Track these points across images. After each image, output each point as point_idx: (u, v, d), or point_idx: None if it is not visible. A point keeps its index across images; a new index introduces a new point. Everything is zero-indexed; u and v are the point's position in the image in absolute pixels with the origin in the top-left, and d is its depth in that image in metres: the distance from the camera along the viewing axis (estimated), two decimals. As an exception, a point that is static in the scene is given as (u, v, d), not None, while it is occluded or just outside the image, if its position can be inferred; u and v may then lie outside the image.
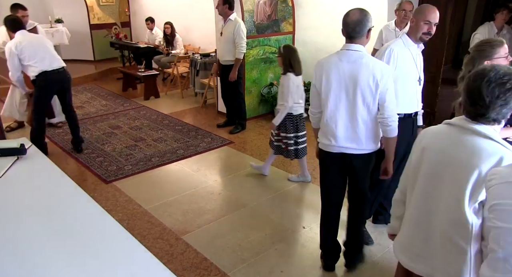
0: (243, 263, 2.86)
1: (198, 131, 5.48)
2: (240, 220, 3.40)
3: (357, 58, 2.32)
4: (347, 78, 2.33)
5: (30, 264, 1.35)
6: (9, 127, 5.44)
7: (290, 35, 6.08)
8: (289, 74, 3.73)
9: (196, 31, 8.03)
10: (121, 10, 9.94)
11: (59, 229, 1.57)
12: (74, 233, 1.54)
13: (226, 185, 4.06)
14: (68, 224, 1.61)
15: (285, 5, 5.88)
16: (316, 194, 3.82)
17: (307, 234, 3.20)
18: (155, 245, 3.06)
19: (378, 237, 3.15)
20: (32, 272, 1.31)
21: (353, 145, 2.41)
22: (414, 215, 1.70)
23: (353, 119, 2.36)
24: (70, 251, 1.43)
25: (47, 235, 1.52)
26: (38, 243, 1.46)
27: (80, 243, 1.48)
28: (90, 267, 1.34)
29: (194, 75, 6.91)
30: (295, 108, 3.80)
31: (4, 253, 1.40)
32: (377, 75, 2.26)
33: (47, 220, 1.62)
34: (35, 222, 1.60)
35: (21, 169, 2.06)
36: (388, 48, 2.72)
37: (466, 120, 1.53)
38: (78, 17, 9.30)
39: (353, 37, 2.38)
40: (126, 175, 4.20)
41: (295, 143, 3.88)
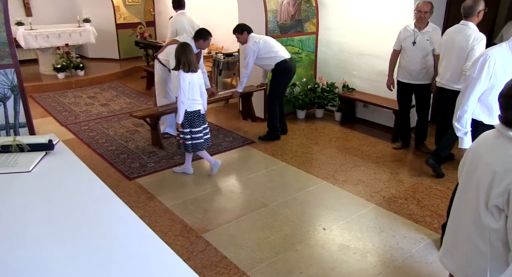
0: (262, 263, 2.86)
1: (219, 130, 5.52)
2: (260, 220, 3.41)
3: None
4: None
5: (53, 256, 1.38)
6: None
7: (314, 35, 6.04)
8: (180, 71, 3.81)
9: (220, 30, 8.06)
10: (146, 9, 10.10)
11: (82, 222, 1.60)
12: (97, 228, 1.57)
13: (246, 185, 4.07)
14: (91, 218, 1.64)
15: (309, 5, 5.85)
16: (336, 196, 3.80)
17: (327, 236, 3.18)
18: (176, 242, 3.10)
19: (400, 241, 3.10)
20: (53, 264, 1.35)
21: None
22: (452, 212, 1.76)
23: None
24: (92, 245, 1.46)
25: (71, 228, 1.55)
26: (60, 236, 1.50)
27: (102, 237, 1.51)
28: (111, 261, 1.37)
29: (217, 75, 6.95)
30: (190, 105, 3.90)
31: (29, 244, 1.44)
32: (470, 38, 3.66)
33: (71, 214, 1.66)
34: (59, 215, 1.64)
35: (48, 164, 2.11)
36: (485, 55, 2.59)
37: (502, 126, 1.53)
38: (105, 16, 9.50)
39: (466, 16, 3.72)
40: (148, 172, 4.27)
41: (191, 138, 4.00)
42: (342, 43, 5.77)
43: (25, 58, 8.88)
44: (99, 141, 5.12)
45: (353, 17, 5.50)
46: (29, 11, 9.29)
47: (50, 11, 9.57)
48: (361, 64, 5.59)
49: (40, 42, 7.81)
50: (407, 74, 4.50)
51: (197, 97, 3.94)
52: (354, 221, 3.37)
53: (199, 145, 4.05)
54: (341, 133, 5.44)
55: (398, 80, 4.64)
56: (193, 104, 3.92)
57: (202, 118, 4.04)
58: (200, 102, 3.98)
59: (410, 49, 4.42)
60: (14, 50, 3.75)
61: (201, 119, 4.01)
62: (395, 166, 4.42)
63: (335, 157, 4.66)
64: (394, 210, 3.54)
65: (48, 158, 2.17)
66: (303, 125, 5.76)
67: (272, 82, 5.11)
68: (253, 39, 4.92)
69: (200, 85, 3.99)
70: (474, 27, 3.76)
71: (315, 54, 6.16)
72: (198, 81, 3.92)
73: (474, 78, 2.57)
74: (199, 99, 3.96)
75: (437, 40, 4.28)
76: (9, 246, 1.44)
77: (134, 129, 5.55)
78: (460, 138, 2.72)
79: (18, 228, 1.55)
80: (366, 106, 5.62)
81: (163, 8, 9.92)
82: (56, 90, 7.65)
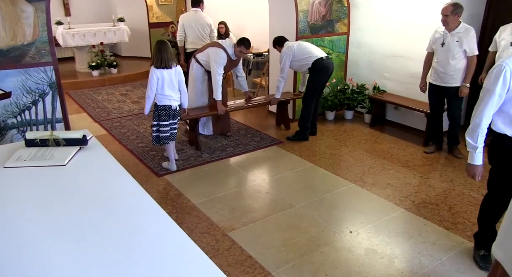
0: (288, 264, 2.85)
1: (248, 129, 5.54)
2: (286, 221, 3.40)
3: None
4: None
5: (83, 247, 1.42)
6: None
7: (345, 36, 5.97)
8: (152, 67, 4.01)
9: (250, 30, 8.09)
10: (178, 9, 10.25)
11: (112, 216, 1.64)
12: (125, 222, 1.60)
13: (273, 185, 4.07)
14: (120, 212, 1.68)
15: (341, 5, 5.78)
16: (364, 199, 3.73)
17: (354, 239, 3.13)
18: (202, 239, 3.13)
19: (430, 247, 3.02)
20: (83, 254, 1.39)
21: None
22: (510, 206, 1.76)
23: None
24: (121, 238, 1.49)
25: (101, 221, 1.60)
26: (91, 228, 1.54)
27: (130, 231, 1.54)
28: (138, 255, 1.39)
29: (246, 74, 6.97)
30: (160, 99, 4.06)
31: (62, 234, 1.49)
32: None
33: (101, 207, 1.70)
34: (91, 208, 1.69)
35: (82, 158, 2.18)
36: (500, 65, 2.39)
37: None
38: (138, 16, 9.72)
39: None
40: (177, 169, 4.33)
41: (157, 130, 4.14)
42: (373, 44, 5.67)
43: (62, 56, 9.21)
44: (130, 138, 5.24)
45: (386, 18, 5.40)
46: (68, 11, 9.62)
47: (88, 11, 9.87)
48: (392, 65, 5.48)
49: (77, 41, 8.08)
50: (437, 76, 4.40)
51: (168, 92, 4.04)
52: (382, 225, 3.30)
53: (163, 138, 4.15)
54: (371, 135, 5.35)
55: (429, 82, 4.54)
56: (163, 98, 4.06)
57: (173, 113, 4.13)
58: (172, 98, 4.09)
59: (439, 51, 4.32)
60: (53, 48, 3.89)
61: (171, 114, 4.12)
62: (426, 170, 4.31)
63: (364, 159, 4.59)
64: (424, 215, 3.45)
65: (82, 152, 2.23)
66: (332, 126, 5.70)
67: (309, 81, 5.08)
68: (287, 45, 4.99)
69: (179, 82, 4.11)
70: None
71: (345, 55, 6.08)
72: (170, 77, 4.02)
73: (489, 90, 2.38)
74: (170, 95, 4.06)
75: (469, 41, 4.15)
76: (44, 234, 1.49)
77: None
78: (470, 153, 2.54)
79: (53, 218, 1.61)
80: (397, 108, 5.50)
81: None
82: (90, 87, 7.89)
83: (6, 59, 3.66)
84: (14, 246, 1.43)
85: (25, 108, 3.89)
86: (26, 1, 3.62)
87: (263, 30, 6.98)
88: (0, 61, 3.63)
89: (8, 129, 3.86)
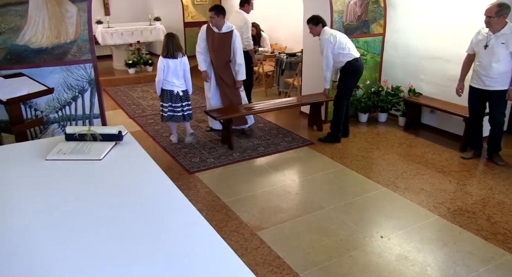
0: (316, 266, 2.83)
1: (279, 130, 5.53)
2: (316, 222, 3.37)
3: None
4: None
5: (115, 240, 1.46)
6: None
7: (380, 37, 5.85)
8: (160, 56, 4.66)
9: (283, 30, 8.08)
10: (213, 9, 10.37)
11: (144, 211, 1.67)
12: (157, 217, 1.63)
13: (303, 186, 4.04)
14: (152, 207, 1.71)
15: (377, 6, 5.67)
16: (396, 203, 3.65)
17: (385, 244, 3.06)
18: (231, 237, 3.15)
19: (466, 257, 2.91)
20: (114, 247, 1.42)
21: None
22: None
23: None
24: (151, 233, 1.52)
25: (133, 215, 1.63)
26: (124, 222, 1.58)
27: (161, 227, 1.57)
28: (167, 250, 1.42)
29: (279, 74, 6.97)
30: (164, 84, 4.69)
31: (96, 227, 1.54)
32: None
33: (134, 202, 1.74)
34: (124, 202, 1.73)
35: (117, 153, 2.24)
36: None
37: None
38: (174, 15, 9.91)
39: None
40: (208, 167, 4.38)
41: (161, 110, 4.82)
42: (410, 45, 5.53)
43: (101, 54, 9.51)
44: (163, 135, 5.35)
45: (425, 18, 5.24)
46: (108, 10, 9.93)
47: (126, 11, 10.16)
48: (429, 67, 5.32)
49: (115, 39, 8.34)
50: (479, 80, 4.22)
51: (171, 79, 4.65)
52: (414, 232, 3.22)
53: (163, 117, 4.82)
54: (405, 139, 5.21)
55: (470, 85, 4.36)
56: (166, 84, 4.68)
57: (175, 97, 4.73)
58: (174, 84, 4.69)
59: (482, 53, 4.14)
60: (93, 46, 4.03)
61: (172, 97, 4.72)
62: (463, 176, 4.16)
63: (397, 163, 4.48)
64: (460, 223, 3.33)
65: (117, 148, 2.29)
66: (365, 128, 5.60)
67: (341, 82, 4.99)
68: (328, 32, 4.81)
69: (184, 71, 4.71)
70: None
71: (380, 56, 5.96)
72: (175, 66, 4.62)
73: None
74: (173, 81, 4.67)
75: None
76: (80, 225, 1.54)
77: (196, 124, 5.73)
78: None
79: (88, 209, 1.66)
80: (433, 112, 5.34)
81: (229, 8, 10.12)
82: (126, 84, 8.11)
83: (50, 56, 3.82)
84: (54, 235, 1.49)
85: (65, 103, 4.05)
86: (71, 1, 3.77)
87: (296, 30, 6.96)
88: (45, 58, 3.80)
89: (50, 124, 4.03)
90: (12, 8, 3.56)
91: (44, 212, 1.64)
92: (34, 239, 1.47)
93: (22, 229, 1.53)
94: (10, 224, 1.56)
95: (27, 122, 3.78)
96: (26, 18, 3.62)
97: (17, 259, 1.35)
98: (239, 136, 5.27)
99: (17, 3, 3.56)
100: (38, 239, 1.46)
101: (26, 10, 3.61)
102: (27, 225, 1.55)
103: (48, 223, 1.56)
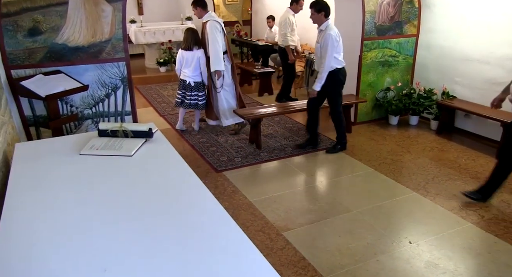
0: (342, 269, 2.79)
1: (307, 130, 5.48)
2: (342, 225, 3.32)
3: None
4: None
5: (144, 235, 1.49)
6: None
7: (413, 38, 5.71)
8: (180, 49, 5.14)
9: (314, 31, 8.01)
10: (244, 9, 10.42)
11: (172, 207, 1.70)
12: (184, 214, 1.65)
13: (331, 188, 4.00)
14: (180, 204, 1.73)
15: (411, 6, 5.53)
16: (426, 209, 3.55)
17: (413, 250, 2.99)
18: (256, 237, 3.15)
19: (501, 269, 2.80)
20: (144, 242, 1.45)
21: None
22: None
23: None
24: (178, 228, 1.54)
25: (161, 211, 1.66)
26: (152, 217, 1.61)
27: (187, 223, 1.59)
28: (193, 247, 1.43)
29: (308, 75, 6.91)
30: (182, 74, 5.18)
31: (123, 221, 1.58)
32: None
33: (163, 198, 1.77)
34: (154, 198, 1.77)
35: (147, 150, 2.28)
36: None
37: None
38: (206, 15, 9.99)
39: None
40: (235, 166, 4.41)
41: (183, 97, 5.25)
42: (445, 46, 5.36)
43: (134, 53, 9.72)
44: (191, 133, 5.41)
45: (462, 19, 5.07)
46: (141, 10, 10.15)
47: (158, 10, 10.35)
48: (466, 70, 5.14)
49: (148, 38, 8.52)
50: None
51: (184, 69, 5.11)
52: (445, 239, 3.12)
53: (192, 105, 5.23)
54: (437, 143, 5.07)
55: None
56: (181, 74, 5.19)
57: (187, 86, 5.15)
58: (186, 74, 5.12)
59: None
60: (127, 45, 4.13)
61: (185, 86, 5.17)
62: (498, 183, 4.00)
63: (428, 167, 4.36)
64: (495, 232, 3.20)
65: (147, 145, 2.34)
66: (395, 131, 5.49)
67: (331, 92, 4.55)
68: (334, 29, 4.34)
69: (200, 63, 5.05)
70: None
71: (413, 58, 5.81)
72: (189, 58, 5.03)
73: None
74: (185, 72, 5.12)
75: None
76: (109, 219, 1.58)
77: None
78: None
79: (118, 204, 1.70)
80: (467, 115, 5.16)
81: (260, 7, 10.15)
82: (157, 82, 8.27)
83: (86, 54, 3.94)
84: (85, 227, 1.53)
85: (99, 100, 4.17)
86: (106, 1, 3.88)
87: (328, 31, 6.87)
88: (81, 56, 3.93)
89: (84, 119, 4.16)
90: (54, 8, 3.70)
91: (76, 204, 1.70)
92: (66, 230, 1.52)
93: (55, 219, 1.59)
94: (45, 214, 1.62)
95: (63, 117, 3.92)
96: (65, 18, 3.75)
97: (49, 249, 1.40)
98: (267, 136, 5.26)
99: (58, 3, 3.69)
100: (70, 230, 1.51)
101: (66, 10, 3.74)
102: (60, 216, 1.61)
103: (79, 215, 1.61)
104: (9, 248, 1.41)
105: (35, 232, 1.51)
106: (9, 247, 1.42)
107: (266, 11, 9.45)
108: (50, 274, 1.29)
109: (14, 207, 1.67)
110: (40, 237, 1.48)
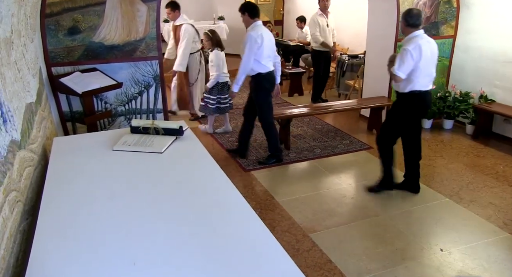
0: (369, 274, 2.74)
1: (337, 132, 5.42)
2: (370, 229, 3.26)
3: None
4: None
5: (171, 231, 1.51)
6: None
7: (450, 39, 5.52)
8: (217, 51, 4.99)
9: (346, 31, 7.91)
10: (276, 9, 10.40)
11: (201, 204, 1.72)
12: (211, 212, 1.67)
13: (359, 191, 3.93)
14: (208, 201, 1.75)
15: (449, 6, 5.36)
16: (459, 216, 3.43)
17: (444, 258, 2.89)
18: (283, 237, 3.14)
19: None
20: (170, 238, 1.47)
21: None
22: None
23: None
24: (205, 226, 1.56)
25: (190, 208, 1.68)
26: (180, 214, 1.64)
27: (215, 221, 1.60)
28: (219, 245, 1.44)
29: (340, 76, 6.84)
30: (221, 77, 5.00)
31: (153, 216, 1.61)
32: None
33: (192, 195, 1.80)
34: (182, 195, 1.79)
35: (177, 148, 2.32)
36: None
37: None
38: (237, 14, 10.01)
39: None
40: (264, 166, 4.41)
41: (218, 103, 5.09)
42: (484, 48, 5.16)
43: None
44: (220, 132, 5.45)
45: (504, 19, 4.87)
46: (173, 9, 10.31)
47: (191, 9, 10.46)
48: (506, 72, 4.93)
49: (180, 38, 8.61)
50: None
51: (225, 71, 5.06)
52: (480, 248, 3.00)
53: (224, 109, 5.16)
54: (472, 148, 4.89)
55: None
56: (223, 76, 5.04)
57: (227, 88, 5.08)
58: (227, 75, 5.09)
59: None
60: (160, 44, 4.22)
61: (228, 88, 5.05)
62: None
63: (462, 173, 4.21)
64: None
65: (178, 142, 2.38)
66: (428, 135, 5.33)
67: (256, 98, 4.25)
68: (259, 30, 4.08)
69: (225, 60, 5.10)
70: None
71: (449, 60, 5.63)
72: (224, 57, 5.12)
73: None
74: (226, 73, 5.08)
75: None
76: (139, 214, 1.62)
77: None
78: None
79: (147, 199, 1.74)
80: (507, 120, 4.95)
81: (292, 7, 10.11)
82: (189, 81, 8.35)
83: (121, 53, 4.05)
84: (116, 221, 1.58)
85: (132, 97, 4.27)
86: (142, 1, 3.97)
87: (360, 31, 6.77)
88: (116, 55, 4.04)
89: (118, 116, 4.28)
90: (92, 8, 3.83)
91: (107, 199, 1.75)
92: (99, 223, 1.56)
93: (89, 212, 1.64)
94: (79, 207, 1.68)
95: (98, 113, 4.04)
96: (102, 17, 3.87)
97: (82, 241, 1.45)
98: (296, 137, 5.24)
99: (97, 3, 3.82)
100: (101, 225, 1.55)
101: (103, 10, 3.86)
102: (94, 209, 1.66)
103: (110, 210, 1.66)
104: (45, 240, 1.47)
105: (70, 223, 1.56)
106: (45, 239, 1.47)
107: (298, 11, 9.39)
108: (82, 265, 1.33)
109: (51, 198, 1.74)
110: (74, 228, 1.53)
